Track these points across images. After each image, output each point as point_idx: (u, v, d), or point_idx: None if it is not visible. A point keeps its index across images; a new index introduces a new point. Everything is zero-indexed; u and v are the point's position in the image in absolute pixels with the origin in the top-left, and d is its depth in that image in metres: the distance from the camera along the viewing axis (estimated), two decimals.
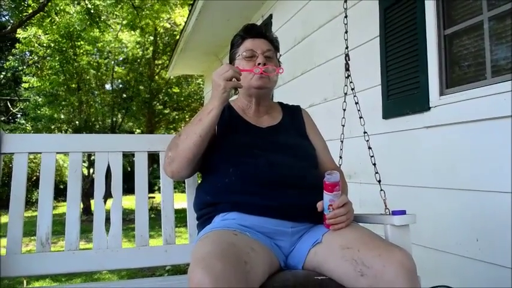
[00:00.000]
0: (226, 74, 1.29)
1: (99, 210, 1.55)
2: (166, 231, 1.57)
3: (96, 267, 1.50)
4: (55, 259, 1.45)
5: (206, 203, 1.37)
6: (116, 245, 1.51)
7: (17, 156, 1.50)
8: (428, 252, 2.06)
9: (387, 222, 1.28)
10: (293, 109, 1.63)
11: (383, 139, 2.39)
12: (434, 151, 2.08)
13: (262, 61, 1.43)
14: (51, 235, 1.47)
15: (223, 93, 1.29)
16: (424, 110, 2.11)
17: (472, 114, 1.85)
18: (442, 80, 2.06)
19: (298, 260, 1.29)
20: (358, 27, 2.56)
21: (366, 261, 1.11)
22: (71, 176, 1.54)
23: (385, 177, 1.64)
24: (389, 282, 1.06)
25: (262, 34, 1.53)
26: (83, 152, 1.59)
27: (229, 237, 1.15)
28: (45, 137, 1.61)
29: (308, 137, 1.55)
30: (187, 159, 1.33)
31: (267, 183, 1.30)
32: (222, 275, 0.94)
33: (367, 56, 2.56)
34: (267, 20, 4.29)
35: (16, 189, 1.47)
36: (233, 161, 1.35)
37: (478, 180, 1.83)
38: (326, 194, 1.25)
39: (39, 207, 1.48)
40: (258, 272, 1.08)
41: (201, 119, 1.32)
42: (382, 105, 2.43)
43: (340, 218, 1.24)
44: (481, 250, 1.79)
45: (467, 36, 2.01)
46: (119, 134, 1.95)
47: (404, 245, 1.20)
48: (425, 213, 2.01)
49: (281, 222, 1.28)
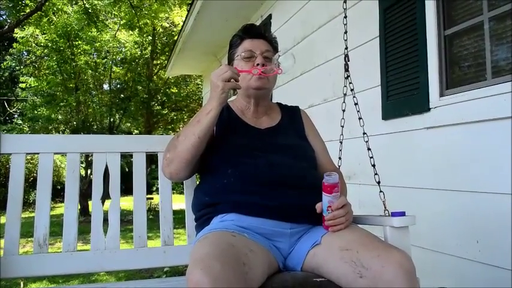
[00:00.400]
0: (225, 75, 1.28)
1: (97, 211, 1.53)
2: (164, 232, 1.56)
3: (94, 269, 1.49)
4: (53, 260, 1.44)
5: (205, 204, 1.37)
6: (114, 246, 1.50)
7: (14, 156, 1.49)
8: (428, 254, 2.05)
9: (386, 224, 1.28)
10: (292, 110, 1.63)
11: (383, 140, 2.38)
12: (434, 152, 2.08)
13: (261, 62, 1.43)
14: (48, 236, 1.46)
15: (222, 94, 1.28)
16: (424, 110, 2.11)
17: (472, 115, 1.84)
18: (442, 81, 2.06)
19: (297, 262, 1.28)
20: (357, 28, 2.55)
21: (364, 262, 1.10)
22: (68, 177, 1.53)
23: (385, 179, 1.64)
24: (388, 283, 1.06)
25: (261, 34, 1.52)
26: (80, 152, 1.58)
27: (227, 239, 1.14)
28: (43, 138, 1.60)
29: (307, 138, 1.54)
30: (186, 161, 1.33)
31: (266, 183, 1.30)
32: (221, 276, 0.94)
33: (367, 57, 2.56)
34: (266, 20, 4.28)
35: (13, 189, 1.46)
36: (232, 162, 1.35)
37: (478, 182, 1.82)
38: (325, 196, 1.24)
39: (37, 208, 1.47)
40: (256, 273, 1.07)
41: (199, 120, 1.31)
42: (381, 106, 2.43)
43: (339, 219, 1.24)
44: (481, 252, 1.78)
45: (467, 36, 2.00)
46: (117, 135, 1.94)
47: (403, 247, 1.19)
48: (424, 214, 2.00)
49: (280, 223, 1.27)
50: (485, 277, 1.77)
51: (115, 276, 4.81)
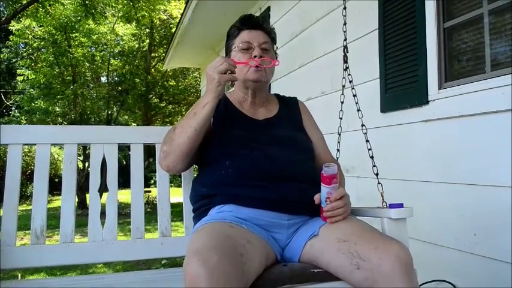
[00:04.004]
0: (221, 67, 1.26)
1: (95, 202, 1.53)
2: (162, 224, 1.56)
3: (91, 260, 1.49)
4: (50, 251, 1.44)
5: (202, 196, 1.36)
6: (111, 237, 1.49)
7: (11, 147, 1.48)
8: (426, 247, 2.06)
9: (384, 216, 1.28)
10: (290, 101, 1.62)
11: (381, 133, 2.38)
12: (432, 145, 2.08)
13: (258, 53, 1.41)
14: (45, 228, 1.46)
15: (218, 87, 1.27)
16: (422, 103, 2.10)
17: (470, 108, 1.84)
18: (441, 74, 2.05)
19: (294, 253, 1.28)
20: (356, 20, 2.54)
21: (362, 254, 1.11)
22: (65, 168, 1.52)
23: (383, 171, 1.63)
24: (386, 275, 1.06)
25: (259, 25, 1.50)
26: (78, 143, 1.57)
27: (225, 230, 1.14)
28: (40, 129, 1.59)
29: (304, 130, 1.54)
30: (183, 153, 1.32)
31: (263, 175, 1.29)
32: (218, 267, 0.94)
33: (366, 49, 2.55)
34: (265, 12, 4.26)
35: (10, 181, 1.45)
36: (229, 154, 1.35)
37: (476, 175, 1.82)
38: (324, 187, 1.24)
39: (34, 199, 1.46)
40: (254, 264, 1.07)
41: (196, 112, 1.30)
42: (380, 98, 2.42)
43: (337, 210, 1.24)
44: (479, 244, 1.79)
45: (466, 29, 1.99)
46: (115, 126, 1.93)
47: (401, 238, 1.20)
48: (423, 207, 2.01)
49: (277, 214, 1.27)
50: (482, 269, 1.78)
51: (113, 269, 4.81)
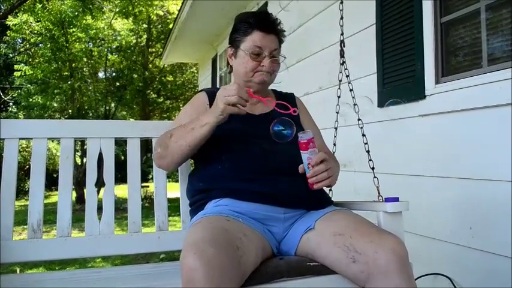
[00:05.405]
0: (231, 98, 1.20)
1: (91, 196, 1.53)
2: (159, 218, 1.56)
3: (89, 254, 1.49)
4: (47, 245, 1.44)
5: (199, 190, 1.37)
6: (109, 231, 1.50)
7: (7, 142, 1.48)
8: (422, 240, 2.07)
9: (380, 209, 1.28)
10: (287, 97, 1.63)
11: (378, 127, 2.38)
12: (429, 139, 2.08)
13: (267, 66, 1.41)
14: (42, 222, 1.46)
15: (220, 116, 1.23)
16: (419, 98, 2.10)
17: (467, 102, 1.84)
18: (438, 68, 2.05)
19: (290, 246, 1.29)
20: (354, 15, 2.53)
21: (357, 247, 1.11)
22: (62, 162, 1.52)
23: (380, 166, 1.64)
24: (381, 268, 1.07)
25: (274, 30, 1.45)
26: (74, 137, 1.57)
27: (221, 223, 1.14)
28: (37, 123, 1.59)
29: (301, 125, 1.54)
30: (176, 162, 1.37)
31: (260, 170, 1.30)
32: (214, 260, 0.94)
33: (363, 44, 2.54)
34: (262, 7, 4.24)
35: (7, 175, 1.45)
36: (226, 148, 1.35)
37: (472, 169, 1.83)
38: (303, 153, 1.25)
39: (31, 194, 1.47)
40: (250, 258, 1.08)
41: (193, 128, 1.28)
42: (377, 93, 2.42)
43: (321, 175, 1.23)
44: (474, 238, 1.80)
45: (463, 24, 1.99)
46: (112, 120, 1.93)
47: (396, 232, 1.20)
48: (419, 201, 2.01)
49: (273, 208, 1.28)
50: (478, 263, 1.79)
51: (111, 263, 4.82)
